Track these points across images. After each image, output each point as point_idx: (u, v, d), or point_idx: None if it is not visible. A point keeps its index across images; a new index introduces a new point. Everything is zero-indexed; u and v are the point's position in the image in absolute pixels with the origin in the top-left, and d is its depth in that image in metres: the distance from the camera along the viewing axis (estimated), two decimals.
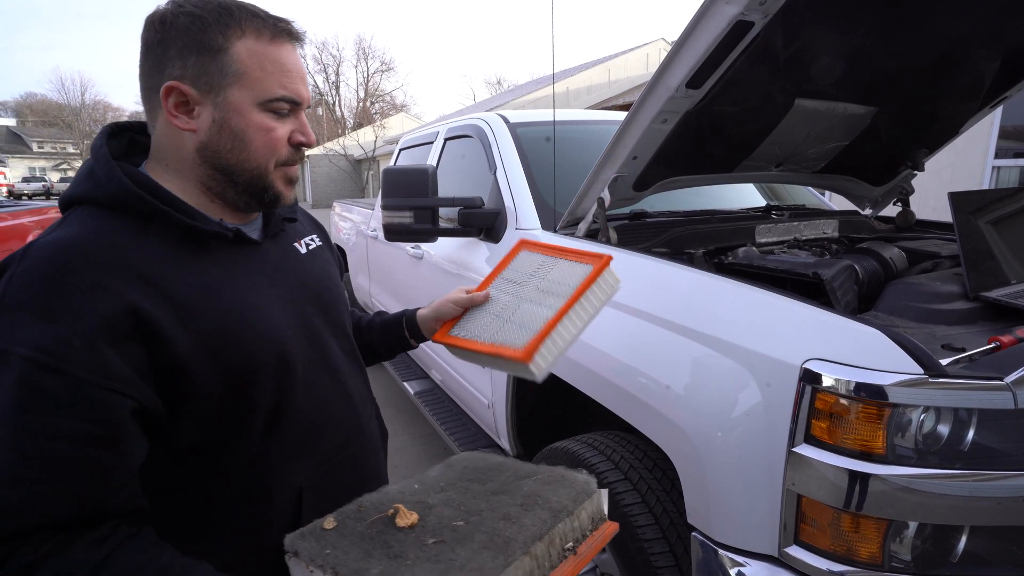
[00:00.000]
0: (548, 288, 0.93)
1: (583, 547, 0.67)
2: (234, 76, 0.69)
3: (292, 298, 0.80)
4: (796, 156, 1.85)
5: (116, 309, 0.60)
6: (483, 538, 0.60)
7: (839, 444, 0.90)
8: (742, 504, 1.00)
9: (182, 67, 0.68)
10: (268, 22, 0.71)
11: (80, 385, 0.57)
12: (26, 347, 0.56)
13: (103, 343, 0.59)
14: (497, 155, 2.14)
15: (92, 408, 0.58)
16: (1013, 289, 1.20)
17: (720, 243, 1.68)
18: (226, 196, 0.75)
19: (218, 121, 0.70)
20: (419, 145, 3.13)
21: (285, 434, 0.76)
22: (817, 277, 1.23)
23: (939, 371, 0.86)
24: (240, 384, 0.70)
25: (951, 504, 0.87)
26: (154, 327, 0.62)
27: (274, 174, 0.75)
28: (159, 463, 0.67)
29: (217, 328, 0.68)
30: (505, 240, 1.93)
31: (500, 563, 0.57)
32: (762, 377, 0.99)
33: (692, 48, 1.24)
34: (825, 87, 1.59)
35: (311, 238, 0.92)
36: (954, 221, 1.23)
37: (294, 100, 0.73)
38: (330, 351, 0.85)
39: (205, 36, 0.68)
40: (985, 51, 1.60)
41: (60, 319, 0.58)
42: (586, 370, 1.40)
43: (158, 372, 0.63)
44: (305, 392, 0.78)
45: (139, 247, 0.66)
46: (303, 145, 0.76)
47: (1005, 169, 4.46)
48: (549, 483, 0.72)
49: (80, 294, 0.59)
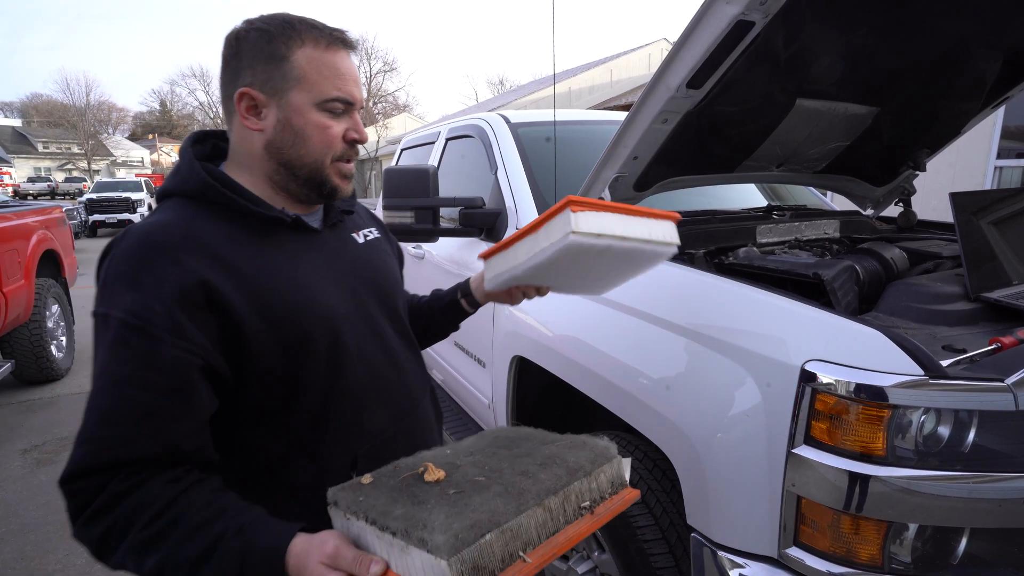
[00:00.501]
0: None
1: (600, 508, 0.70)
2: (295, 80, 0.78)
3: (347, 282, 0.88)
4: (797, 156, 1.84)
5: (189, 282, 0.70)
6: (499, 488, 0.64)
7: (839, 445, 0.89)
8: (742, 505, 1.00)
9: (252, 75, 0.78)
10: (325, 32, 0.80)
11: (158, 343, 0.67)
12: (120, 311, 0.68)
13: (178, 309, 0.69)
14: (498, 155, 2.14)
15: (167, 363, 0.67)
16: (1014, 290, 1.20)
17: (721, 243, 1.67)
18: (289, 188, 0.84)
19: (281, 121, 0.79)
20: (421, 145, 3.13)
21: (339, 405, 0.83)
22: (817, 278, 1.23)
23: (939, 372, 0.86)
24: (295, 355, 0.78)
25: (951, 506, 0.87)
26: (222, 299, 0.72)
27: (330, 168, 0.83)
28: (226, 425, 0.76)
29: (276, 303, 0.76)
30: None
31: (512, 509, 0.61)
32: (762, 378, 0.99)
33: (692, 48, 1.24)
34: (826, 87, 1.58)
35: (369, 230, 1.01)
36: (955, 221, 1.22)
37: (347, 100, 0.81)
38: (384, 332, 0.92)
39: (271, 47, 0.77)
40: (987, 51, 1.59)
41: (145, 289, 0.69)
42: (586, 370, 1.40)
43: (224, 338, 0.73)
44: (359, 368, 0.85)
45: (213, 230, 0.76)
46: (356, 141, 0.84)
47: (1007, 169, 4.44)
48: (570, 447, 0.74)
49: (161, 269, 0.70)
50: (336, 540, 0.62)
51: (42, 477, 2.87)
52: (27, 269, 3.83)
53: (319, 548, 0.62)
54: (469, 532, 0.57)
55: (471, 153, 2.42)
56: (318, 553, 0.61)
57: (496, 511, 0.60)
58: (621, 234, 0.85)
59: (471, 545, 0.57)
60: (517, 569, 0.59)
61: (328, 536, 0.63)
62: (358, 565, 0.59)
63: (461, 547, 0.56)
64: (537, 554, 0.61)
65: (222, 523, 0.65)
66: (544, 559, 0.61)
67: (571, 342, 1.46)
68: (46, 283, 4.16)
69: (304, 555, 0.62)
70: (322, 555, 0.61)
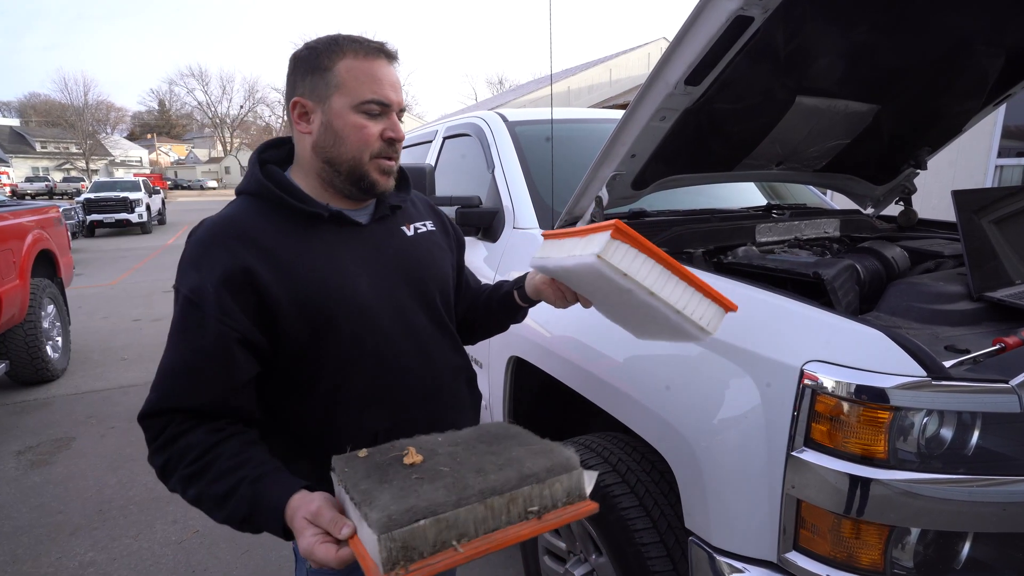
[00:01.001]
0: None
1: (550, 515, 0.72)
2: (336, 87, 0.88)
3: (384, 272, 0.96)
4: (797, 154, 1.82)
5: (235, 267, 0.83)
6: (449, 481, 0.69)
7: (840, 448, 0.88)
8: (740, 509, 0.98)
9: (302, 86, 0.90)
10: (364, 44, 0.90)
11: (207, 317, 0.81)
12: (185, 288, 0.83)
13: (224, 289, 0.82)
14: (495, 154, 2.12)
15: (213, 334, 0.81)
16: (1017, 289, 1.18)
17: (720, 242, 1.66)
18: (335, 184, 0.94)
19: (324, 123, 0.90)
20: (418, 144, 3.11)
21: (359, 385, 0.92)
22: (818, 277, 1.21)
23: (942, 373, 0.84)
24: (320, 335, 0.88)
25: (955, 510, 0.85)
26: (260, 282, 0.84)
27: (369, 165, 0.91)
28: (268, 391, 0.90)
29: (307, 287, 0.87)
30: (503, 239, 1.91)
31: (451, 501, 0.66)
32: (761, 379, 0.97)
33: (691, 44, 1.22)
34: (826, 84, 1.56)
35: (424, 223, 1.08)
36: (957, 220, 1.20)
37: (382, 102, 0.89)
38: (416, 320, 0.99)
39: (317, 61, 0.89)
40: (989, 48, 1.57)
41: (203, 271, 0.83)
42: (582, 371, 1.38)
43: (261, 315, 0.85)
44: (383, 352, 0.93)
45: (263, 224, 0.89)
46: (393, 140, 0.92)
47: (1008, 168, 4.42)
48: (535, 453, 0.76)
49: (216, 255, 0.84)
50: (321, 501, 0.71)
51: (36, 479, 2.85)
52: (22, 269, 3.81)
53: (306, 505, 0.71)
54: (404, 515, 0.63)
55: (468, 152, 2.40)
56: (304, 510, 0.70)
57: (436, 501, 0.65)
58: (649, 287, 0.81)
59: (403, 527, 0.62)
60: (448, 557, 0.64)
61: (316, 496, 0.72)
62: (333, 525, 0.68)
63: (393, 527, 0.62)
64: (471, 546, 0.66)
65: (244, 471, 0.77)
66: (476, 552, 0.66)
67: (568, 343, 1.44)
68: (41, 283, 4.14)
69: (295, 509, 0.71)
70: (307, 512, 0.70)
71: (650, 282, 0.81)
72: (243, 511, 0.75)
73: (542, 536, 1.65)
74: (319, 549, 0.67)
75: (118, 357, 4.77)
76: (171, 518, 2.49)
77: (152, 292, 7.50)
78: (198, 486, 0.77)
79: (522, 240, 1.81)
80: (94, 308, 6.58)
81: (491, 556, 2.20)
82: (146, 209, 15.42)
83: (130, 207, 14.93)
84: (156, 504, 2.60)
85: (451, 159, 2.59)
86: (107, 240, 14.12)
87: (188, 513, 2.51)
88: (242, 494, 0.75)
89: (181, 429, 0.80)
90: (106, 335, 5.43)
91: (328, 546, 0.67)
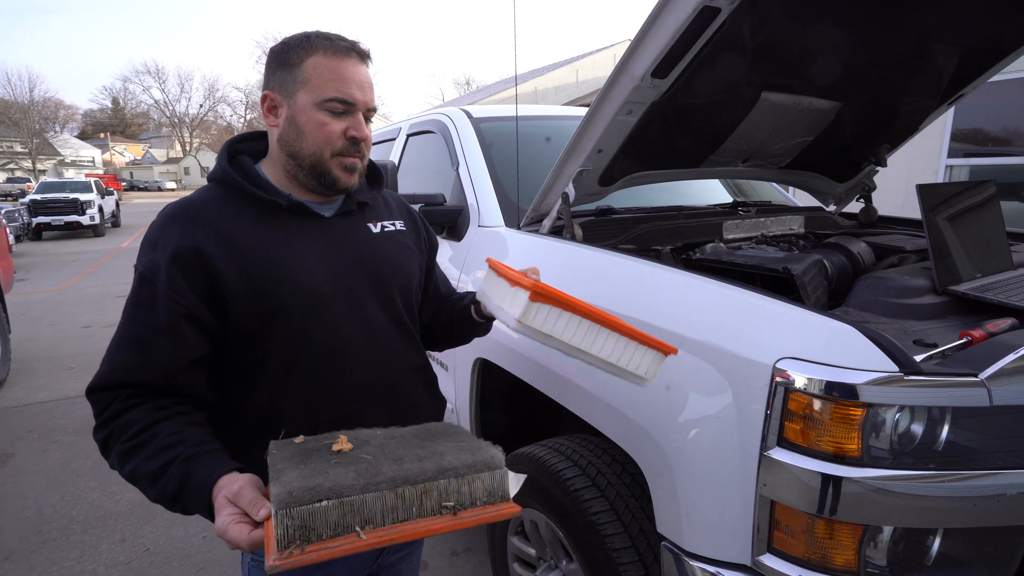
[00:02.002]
0: None
1: (466, 513, 0.70)
2: (301, 83, 0.89)
3: (343, 265, 0.96)
4: (762, 151, 1.83)
5: (187, 245, 0.85)
6: (362, 467, 0.68)
7: (813, 447, 0.85)
8: (713, 512, 0.95)
9: (273, 80, 0.92)
10: (335, 42, 0.90)
11: (157, 293, 0.83)
12: (142, 266, 0.86)
13: (175, 268, 0.84)
14: (459, 150, 2.07)
15: (163, 309, 0.83)
16: (979, 283, 1.19)
17: (688, 239, 1.64)
18: (298, 178, 0.94)
19: (289, 118, 0.91)
20: (381, 142, 3.02)
21: (304, 374, 0.92)
22: (787, 272, 1.20)
23: (915, 368, 0.82)
24: (268, 320, 0.89)
25: (926, 506, 0.84)
26: (211, 262, 0.85)
27: (330, 162, 0.92)
28: (219, 374, 0.91)
29: (258, 269, 0.88)
30: (468, 238, 1.85)
31: (359, 485, 0.65)
32: (733, 377, 0.95)
33: (657, 35, 1.19)
34: (791, 81, 1.56)
35: (393, 222, 1.08)
36: (922, 215, 1.21)
37: (346, 100, 0.89)
38: (372, 316, 0.98)
39: (287, 56, 0.90)
40: (946, 47, 1.60)
41: (158, 249, 0.85)
42: (550, 372, 1.34)
43: (212, 295, 0.86)
44: (331, 344, 0.93)
45: (223, 208, 0.90)
46: (356, 139, 0.91)
47: (957, 168, 4.62)
48: (462, 449, 0.75)
49: (171, 235, 0.86)
50: (243, 482, 0.70)
51: None
52: None
53: (228, 486, 0.71)
54: (306, 493, 0.62)
55: (432, 149, 2.34)
56: (227, 490, 0.70)
57: (342, 483, 0.65)
58: (577, 344, 0.81)
59: (303, 505, 0.62)
60: (349, 541, 0.63)
61: (240, 477, 0.72)
62: (252, 506, 0.67)
63: (293, 504, 0.61)
64: (375, 534, 0.65)
65: (179, 449, 0.77)
66: (380, 540, 0.65)
67: (535, 344, 1.40)
68: None
69: (219, 489, 0.71)
70: (228, 492, 0.70)
71: (577, 340, 0.81)
72: (172, 488, 0.75)
73: (511, 543, 1.60)
74: (232, 529, 0.66)
75: (64, 366, 4.51)
76: (119, 536, 2.35)
77: (105, 297, 7.15)
78: (135, 461, 0.78)
79: (488, 239, 1.76)
80: (39, 315, 6.23)
81: (458, 564, 2.14)
82: (98, 211, 14.74)
83: (81, 209, 14.23)
84: (103, 522, 2.45)
85: (415, 157, 2.52)
86: (56, 244, 13.44)
87: (137, 531, 2.37)
88: (173, 472, 0.75)
89: (126, 405, 0.81)
90: (52, 343, 5.14)
91: (242, 526, 0.66)
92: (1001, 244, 1.35)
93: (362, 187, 1.06)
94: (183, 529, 2.37)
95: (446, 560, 2.15)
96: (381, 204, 1.10)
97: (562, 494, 1.25)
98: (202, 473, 0.74)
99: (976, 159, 4.55)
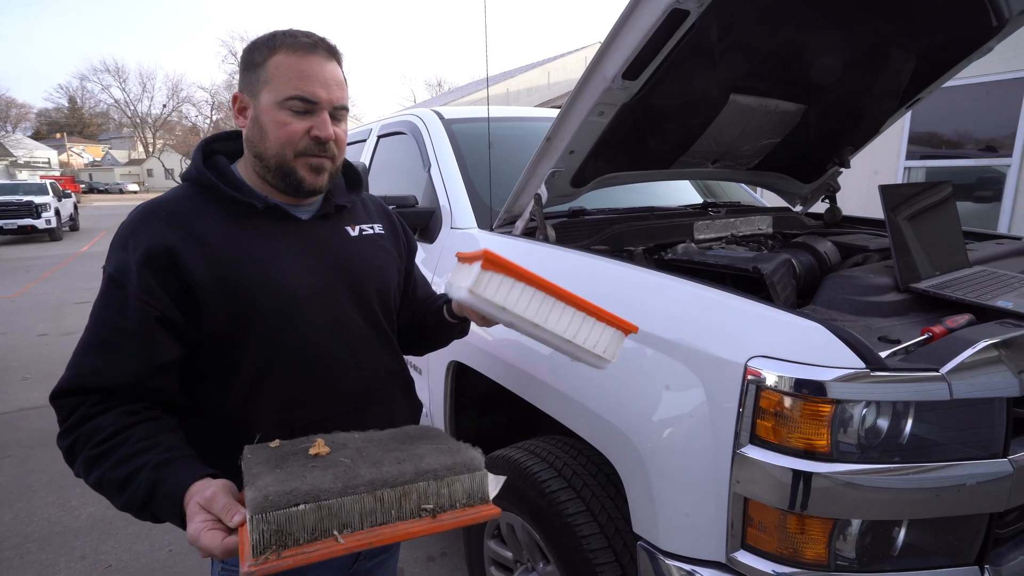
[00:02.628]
0: None
1: (446, 515, 0.69)
2: (264, 82, 0.87)
3: (320, 268, 0.94)
4: (732, 153, 1.86)
5: (158, 246, 0.82)
6: (340, 471, 0.67)
7: (784, 443, 0.87)
8: (688, 510, 0.96)
9: (242, 81, 0.91)
10: (298, 39, 0.88)
11: (128, 295, 0.81)
12: (111, 267, 0.83)
13: (146, 269, 0.81)
14: (431, 152, 2.05)
15: (133, 311, 0.81)
16: (938, 280, 1.23)
17: (660, 240, 1.66)
18: (267, 179, 0.92)
19: (253, 118, 0.89)
20: (352, 143, 2.98)
21: (278, 378, 0.90)
22: (757, 272, 1.22)
23: (880, 364, 0.84)
24: (242, 323, 0.87)
25: (893, 498, 0.86)
26: (184, 263, 0.83)
27: (295, 162, 0.90)
28: (192, 378, 0.88)
29: (232, 274, 0.86)
30: (440, 240, 1.83)
31: (337, 489, 0.64)
32: (706, 376, 0.96)
33: (628, 37, 1.20)
34: (759, 83, 1.60)
35: (372, 226, 1.07)
36: (885, 215, 1.24)
37: (307, 99, 0.87)
38: (348, 319, 0.97)
39: (252, 57, 0.89)
40: (902, 52, 1.65)
41: (128, 250, 0.83)
42: (524, 374, 1.34)
43: (185, 296, 0.84)
44: (307, 348, 0.91)
45: (196, 208, 0.88)
46: (319, 139, 0.89)
47: (915, 169, 4.81)
48: (441, 451, 0.74)
49: (142, 235, 0.83)
50: (216, 488, 0.69)
51: None
52: None
53: (201, 492, 0.69)
54: (282, 497, 0.61)
55: (404, 150, 2.31)
56: (199, 496, 0.68)
57: (320, 487, 0.63)
58: (531, 318, 0.77)
59: (280, 509, 0.60)
60: (326, 546, 0.62)
61: (213, 483, 0.70)
62: (225, 512, 0.66)
63: (269, 508, 0.60)
64: (354, 538, 0.63)
65: (149, 456, 0.74)
66: (358, 544, 0.63)
67: (508, 345, 1.39)
68: None
69: (191, 495, 0.69)
70: (201, 498, 0.68)
71: (531, 313, 0.77)
72: (141, 497, 0.73)
73: (488, 546, 1.59)
74: (205, 536, 0.64)
75: (19, 377, 4.32)
76: (78, 553, 2.25)
77: (63, 304, 6.87)
78: (101, 469, 0.75)
79: (460, 241, 1.75)
80: None
81: (434, 569, 2.12)
82: (55, 214, 14.16)
83: (35, 212, 13.64)
84: (61, 539, 2.34)
85: (386, 158, 2.49)
86: (9, 248, 12.86)
87: (99, 547, 2.28)
88: (142, 479, 0.73)
89: (93, 410, 0.78)
90: (4, 352, 4.91)
91: (215, 533, 0.64)
92: (958, 242, 1.39)
93: (340, 190, 1.05)
94: (147, 543, 2.29)
95: (422, 566, 2.13)
96: (360, 207, 1.08)
97: (538, 496, 1.25)
98: (173, 479, 0.72)
99: (932, 161, 4.73)
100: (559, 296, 0.79)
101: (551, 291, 0.78)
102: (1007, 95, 4.21)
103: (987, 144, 4.43)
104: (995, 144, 4.37)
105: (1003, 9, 1.48)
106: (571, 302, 0.79)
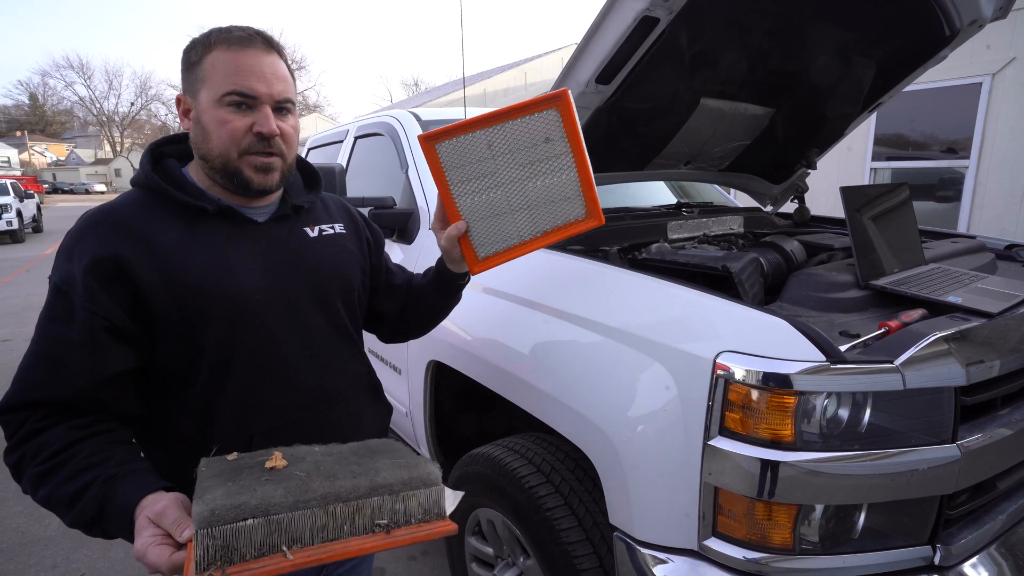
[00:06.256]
0: (527, 157, 0.92)
1: (400, 531, 0.69)
2: (201, 81, 0.85)
3: (277, 270, 0.92)
4: (703, 154, 1.91)
5: (105, 254, 0.80)
6: (293, 485, 0.66)
7: (751, 434, 0.91)
8: (661, 500, 1.00)
9: (183, 82, 0.88)
10: (233, 34, 0.85)
11: (74, 305, 0.78)
12: (56, 277, 0.81)
13: (92, 278, 0.79)
14: (409, 153, 2.06)
15: (80, 322, 0.78)
16: (896, 277, 1.29)
17: (634, 240, 1.70)
18: (216, 180, 0.89)
19: (195, 118, 0.87)
20: (328, 144, 2.97)
21: (235, 383, 0.87)
22: (726, 270, 1.26)
23: (839, 357, 0.89)
24: (196, 328, 0.84)
25: (852, 484, 0.90)
26: (133, 270, 0.80)
27: (240, 162, 0.86)
28: (147, 388, 0.86)
29: (183, 275, 0.83)
30: (418, 241, 1.85)
31: (287, 503, 0.63)
32: (677, 371, 0.99)
33: (600, 43, 1.23)
34: (728, 88, 1.65)
35: (332, 226, 1.04)
36: (846, 215, 1.30)
37: (245, 94, 0.84)
38: (310, 322, 0.95)
39: (189, 56, 0.87)
40: (863, 59, 1.72)
41: (74, 260, 0.80)
42: (502, 372, 1.36)
43: (135, 304, 0.81)
44: (265, 352, 0.89)
45: (146, 214, 0.85)
46: (262, 135, 0.85)
47: (880, 171, 4.97)
48: (398, 466, 0.73)
49: (88, 243, 0.81)
50: (167, 502, 0.68)
51: None
52: None
53: (151, 505, 0.68)
54: (230, 512, 0.60)
55: (381, 151, 2.32)
56: (149, 509, 0.67)
57: (270, 501, 0.62)
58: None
59: (226, 524, 0.59)
60: (274, 562, 0.61)
61: (165, 496, 0.69)
62: (176, 526, 0.65)
63: (216, 523, 0.59)
64: (303, 554, 0.62)
65: (98, 471, 0.72)
66: (307, 560, 0.62)
67: (486, 344, 1.41)
68: None
69: (141, 509, 0.68)
70: (151, 511, 0.67)
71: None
72: (90, 513, 0.71)
73: (469, 543, 1.61)
74: (152, 551, 0.62)
75: None
76: (49, 563, 2.20)
77: (26, 308, 6.67)
78: (48, 486, 0.73)
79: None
80: None
81: (416, 568, 2.13)
82: (16, 215, 13.69)
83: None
84: (29, 549, 2.29)
85: (363, 159, 2.49)
86: None
87: (71, 556, 2.23)
88: (91, 495, 0.71)
89: (40, 425, 0.76)
90: None
91: (163, 548, 0.63)
92: (914, 241, 1.46)
93: (298, 190, 1.02)
94: (123, 551, 2.25)
95: (403, 565, 2.14)
96: (320, 207, 1.05)
97: (518, 492, 1.27)
98: (123, 493, 0.70)
99: (896, 162, 4.89)
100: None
101: (582, 154, 0.90)
102: (965, 99, 4.39)
103: (948, 146, 4.61)
104: (955, 146, 4.54)
105: (955, 20, 1.56)
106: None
